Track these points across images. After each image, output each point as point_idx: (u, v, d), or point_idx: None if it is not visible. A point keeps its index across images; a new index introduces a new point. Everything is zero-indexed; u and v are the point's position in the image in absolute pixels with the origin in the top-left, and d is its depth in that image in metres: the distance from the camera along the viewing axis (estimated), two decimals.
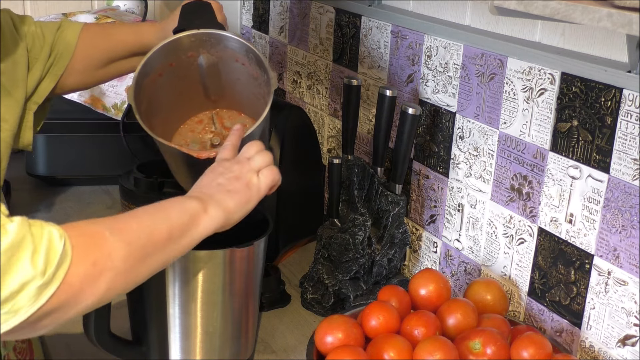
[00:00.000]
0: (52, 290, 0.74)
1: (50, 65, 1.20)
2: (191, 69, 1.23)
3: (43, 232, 0.75)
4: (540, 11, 0.85)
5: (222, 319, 1.15)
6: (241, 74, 1.24)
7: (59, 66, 1.21)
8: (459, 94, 1.36)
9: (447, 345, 1.05)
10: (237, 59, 1.22)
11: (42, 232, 0.75)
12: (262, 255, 1.18)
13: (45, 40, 1.19)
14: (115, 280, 0.81)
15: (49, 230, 0.76)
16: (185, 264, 1.10)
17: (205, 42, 1.20)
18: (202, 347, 1.15)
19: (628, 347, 1.09)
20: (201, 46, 1.20)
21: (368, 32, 1.60)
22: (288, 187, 1.57)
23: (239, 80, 1.26)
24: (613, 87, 1.06)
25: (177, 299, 1.11)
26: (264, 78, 1.20)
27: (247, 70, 1.22)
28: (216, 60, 1.23)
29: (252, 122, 1.31)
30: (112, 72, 1.31)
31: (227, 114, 1.31)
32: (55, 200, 1.82)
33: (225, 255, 1.12)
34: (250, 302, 1.19)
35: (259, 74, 1.21)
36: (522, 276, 1.26)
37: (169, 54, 1.19)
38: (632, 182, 1.05)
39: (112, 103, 1.83)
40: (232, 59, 1.22)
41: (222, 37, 1.19)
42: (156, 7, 2.29)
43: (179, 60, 1.21)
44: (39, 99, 1.19)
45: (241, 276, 1.15)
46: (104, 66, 1.28)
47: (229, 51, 1.21)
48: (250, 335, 1.22)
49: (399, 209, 1.39)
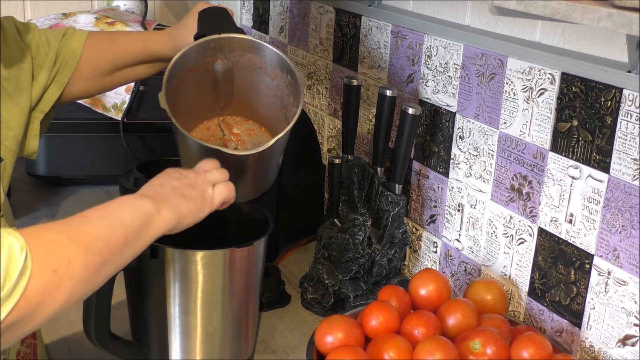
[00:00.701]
0: (12, 304, 0.72)
1: (56, 73, 1.19)
2: (206, 75, 1.23)
3: (3, 244, 0.73)
4: (540, 11, 0.85)
5: (222, 319, 1.15)
6: (258, 79, 1.24)
7: (64, 74, 1.20)
8: (459, 94, 1.36)
9: (447, 345, 1.05)
10: (254, 63, 1.22)
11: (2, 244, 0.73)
12: (262, 255, 1.18)
13: (50, 47, 1.18)
14: (75, 289, 0.80)
15: (9, 243, 0.73)
16: (185, 264, 1.10)
17: (224, 47, 1.20)
18: (202, 347, 1.15)
19: (628, 347, 1.09)
20: (220, 51, 1.21)
21: (368, 32, 1.60)
22: (288, 187, 1.58)
23: (253, 86, 1.26)
24: (613, 87, 1.06)
25: (177, 299, 1.11)
26: (286, 81, 1.20)
27: (265, 75, 1.23)
28: (231, 65, 1.23)
29: (259, 129, 1.31)
30: (118, 79, 1.30)
31: (234, 120, 1.31)
32: (55, 200, 1.82)
33: (225, 255, 1.12)
34: (250, 302, 1.19)
35: (280, 75, 1.21)
36: (522, 276, 1.26)
37: (191, 58, 1.19)
38: (632, 182, 1.05)
39: (112, 103, 1.83)
40: (249, 63, 1.22)
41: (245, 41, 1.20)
42: (156, 7, 2.29)
43: (197, 66, 1.21)
44: (45, 107, 1.18)
45: (241, 276, 1.15)
46: (110, 74, 1.28)
47: (247, 56, 1.21)
48: (250, 335, 1.22)
49: (399, 209, 1.39)
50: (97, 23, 1.85)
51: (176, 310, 1.12)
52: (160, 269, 1.10)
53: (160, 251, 1.09)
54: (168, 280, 1.10)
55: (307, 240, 1.69)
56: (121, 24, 1.86)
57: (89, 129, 1.84)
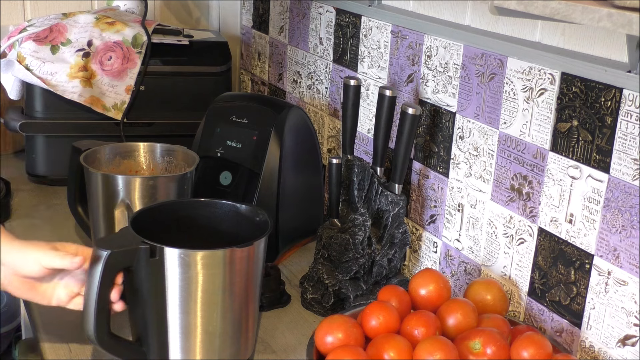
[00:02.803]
0: None
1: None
2: None
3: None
4: (540, 11, 0.85)
5: (222, 319, 1.15)
6: None
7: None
8: (459, 94, 1.36)
9: (447, 345, 1.05)
10: None
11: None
12: (262, 255, 1.18)
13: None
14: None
15: None
16: (185, 264, 1.10)
17: None
18: (202, 347, 1.15)
19: (628, 347, 1.09)
20: None
21: (368, 32, 1.60)
22: (288, 187, 1.58)
23: None
24: (613, 87, 1.06)
25: (177, 299, 1.11)
26: None
27: None
28: None
29: None
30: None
31: None
32: (55, 200, 1.82)
33: (225, 255, 1.12)
34: (250, 302, 1.19)
35: None
36: (522, 276, 1.26)
37: None
38: (632, 182, 1.05)
39: (112, 103, 1.83)
40: None
41: None
42: (156, 7, 2.29)
43: None
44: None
45: (241, 276, 1.15)
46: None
47: None
48: (250, 335, 1.22)
49: (398, 209, 1.39)
50: (97, 23, 1.85)
51: (176, 310, 1.12)
52: (159, 268, 1.10)
53: (159, 251, 1.09)
54: (167, 280, 1.10)
55: (307, 240, 1.69)
56: (121, 24, 1.86)
57: (89, 129, 1.84)
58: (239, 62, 2.33)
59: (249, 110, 1.59)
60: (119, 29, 1.85)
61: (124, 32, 1.84)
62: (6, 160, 2.02)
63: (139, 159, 1.54)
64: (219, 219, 1.26)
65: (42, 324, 1.30)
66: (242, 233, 1.21)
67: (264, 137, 1.54)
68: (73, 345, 1.25)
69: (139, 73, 1.84)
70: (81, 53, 1.81)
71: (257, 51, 2.18)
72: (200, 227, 1.26)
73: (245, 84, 2.30)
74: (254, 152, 1.55)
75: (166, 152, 1.54)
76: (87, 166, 1.42)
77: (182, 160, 1.52)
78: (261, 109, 1.59)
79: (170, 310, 1.12)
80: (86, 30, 1.83)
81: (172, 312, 1.12)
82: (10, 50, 1.81)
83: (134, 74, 1.83)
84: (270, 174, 1.54)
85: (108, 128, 1.84)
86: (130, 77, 1.83)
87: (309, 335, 1.20)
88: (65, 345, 1.26)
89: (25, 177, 1.91)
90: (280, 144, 1.54)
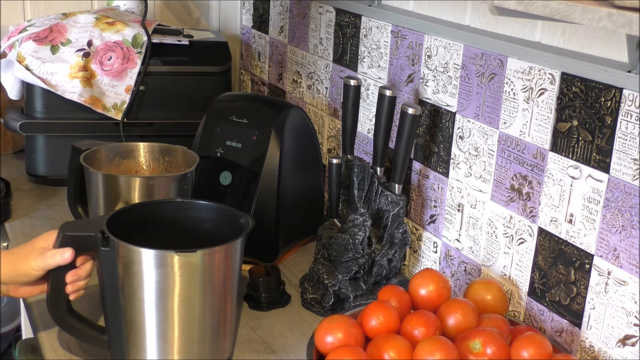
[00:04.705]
0: None
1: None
2: None
3: None
4: (540, 11, 0.85)
5: (199, 318, 1.14)
6: None
7: None
8: (459, 94, 1.36)
9: (447, 345, 1.05)
10: None
11: None
12: (240, 253, 1.17)
13: None
14: None
15: None
16: (161, 264, 1.09)
17: None
18: (180, 347, 1.14)
19: (628, 347, 1.09)
20: None
21: (368, 32, 1.60)
22: (288, 187, 1.58)
23: None
24: (613, 87, 1.06)
25: (154, 299, 1.10)
26: None
27: None
28: None
29: None
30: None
31: None
32: (55, 200, 1.82)
33: (202, 255, 1.11)
34: (229, 301, 1.18)
35: None
36: (522, 276, 1.26)
37: None
38: (632, 182, 1.05)
39: (112, 103, 1.83)
40: None
41: None
42: (156, 7, 2.29)
43: None
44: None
45: (219, 276, 1.14)
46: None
47: None
48: (228, 335, 1.21)
49: (398, 209, 1.39)
50: (97, 23, 1.85)
51: (152, 310, 1.11)
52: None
53: (135, 252, 1.09)
54: (144, 281, 1.10)
55: (307, 240, 1.69)
56: (121, 24, 1.86)
57: (89, 129, 1.84)
58: (239, 62, 2.33)
59: (249, 110, 1.60)
60: (119, 29, 1.85)
61: (124, 32, 1.84)
62: (6, 160, 2.02)
63: (138, 159, 1.54)
64: (203, 220, 1.26)
65: (42, 324, 1.30)
66: (223, 234, 1.20)
67: (264, 137, 1.54)
68: (73, 345, 1.25)
69: (139, 73, 1.84)
70: (81, 53, 1.81)
71: (257, 51, 2.18)
72: (184, 228, 1.26)
73: (245, 84, 2.30)
74: (254, 152, 1.55)
75: (166, 152, 1.54)
76: (87, 166, 1.42)
77: (182, 160, 1.52)
78: (261, 109, 1.59)
79: (147, 310, 1.11)
80: (86, 30, 1.83)
81: (149, 312, 1.11)
82: (10, 50, 1.81)
83: (134, 74, 1.83)
84: (270, 174, 1.54)
85: (108, 128, 1.84)
86: (130, 77, 1.83)
87: (308, 335, 1.20)
88: (65, 345, 1.26)
89: (25, 177, 1.91)
90: (280, 144, 1.54)
